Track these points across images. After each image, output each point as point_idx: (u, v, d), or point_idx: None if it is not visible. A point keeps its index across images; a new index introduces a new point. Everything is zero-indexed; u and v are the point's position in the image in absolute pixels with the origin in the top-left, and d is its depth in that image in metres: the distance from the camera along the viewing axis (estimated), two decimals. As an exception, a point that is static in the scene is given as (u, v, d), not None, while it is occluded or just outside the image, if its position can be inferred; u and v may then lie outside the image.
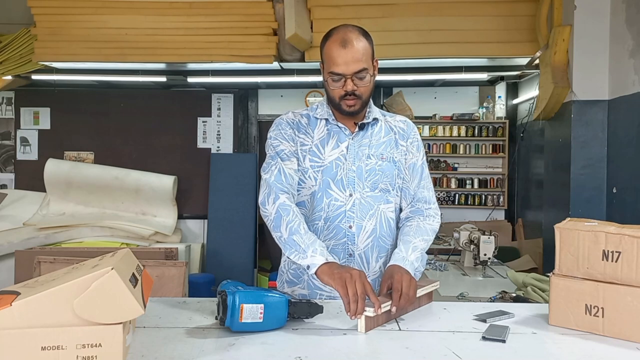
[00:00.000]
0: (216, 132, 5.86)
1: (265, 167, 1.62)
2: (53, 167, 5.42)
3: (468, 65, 4.60)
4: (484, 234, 3.26)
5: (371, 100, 1.67)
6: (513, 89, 5.82)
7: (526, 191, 5.49)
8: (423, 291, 1.48)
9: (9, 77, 4.95)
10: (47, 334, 0.97)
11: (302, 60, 4.41)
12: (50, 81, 5.32)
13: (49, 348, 0.97)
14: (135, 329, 1.26)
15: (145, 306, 1.08)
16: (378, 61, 1.63)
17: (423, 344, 1.20)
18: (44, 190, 5.48)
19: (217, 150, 5.85)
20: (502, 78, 5.50)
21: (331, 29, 1.60)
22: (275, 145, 1.64)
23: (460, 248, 3.53)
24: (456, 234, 3.51)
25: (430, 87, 5.79)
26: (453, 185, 5.77)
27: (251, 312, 1.23)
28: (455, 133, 5.69)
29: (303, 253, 1.44)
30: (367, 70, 1.56)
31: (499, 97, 5.77)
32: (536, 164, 5.15)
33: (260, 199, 1.58)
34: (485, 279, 3.23)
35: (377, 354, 1.15)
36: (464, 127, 5.68)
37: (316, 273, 1.40)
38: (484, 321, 1.37)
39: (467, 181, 5.77)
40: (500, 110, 5.76)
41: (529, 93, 5.25)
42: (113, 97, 5.83)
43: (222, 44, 4.35)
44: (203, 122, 5.86)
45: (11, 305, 0.97)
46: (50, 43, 4.42)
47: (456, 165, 5.80)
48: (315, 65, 4.32)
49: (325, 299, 1.60)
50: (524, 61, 4.30)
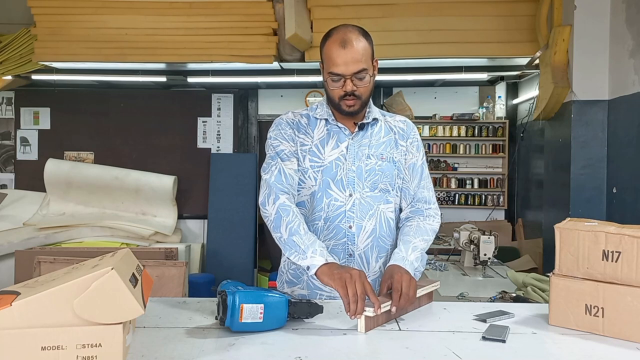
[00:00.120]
0: (216, 132, 5.86)
1: (265, 168, 1.62)
2: (53, 167, 5.42)
3: (468, 65, 4.60)
4: (484, 234, 3.26)
5: (371, 100, 1.67)
6: (513, 89, 5.81)
7: (526, 191, 5.49)
8: (423, 291, 1.48)
9: (9, 77, 4.95)
10: (47, 334, 0.97)
11: (302, 60, 4.41)
12: (50, 81, 5.32)
13: (49, 348, 0.97)
14: (135, 329, 1.26)
15: (145, 306, 1.08)
16: (378, 61, 1.63)
17: (423, 344, 1.20)
18: (44, 190, 5.48)
19: (217, 150, 5.85)
20: (502, 78, 5.50)
21: (331, 29, 1.59)
22: (275, 145, 1.64)
23: (460, 248, 3.53)
24: (456, 234, 3.51)
25: (430, 87, 5.79)
26: (453, 185, 5.77)
27: (251, 312, 1.23)
28: (455, 133, 5.69)
29: (303, 254, 1.44)
30: (367, 70, 1.55)
31: (499, 97, 5.77)
32: (536, 164, 5.14)
33: (260, 200, 1.58)
34: (485, 279, 3.23)
35: (377, 354, 1.15)
36: (464, 127, 5.68)
37: (316, 274, 1.40)
38: (484, 321, 1.37)
39: (467, 181, 5.77)
40: (500, 110, 5.76)
41: (529, 93, 5.25)
42: (113, 97, 5.83)
43: (222, 44, 4.35)
44: (203, 122, 5.86)
45: (11, 305, 0.97)
46: (50, 43, 4.42)
47: (456, 165, 5.80)
48: (315, 65, 4.32)
49: (325, 299, 1.60)
50: (524, 61, 4.30)
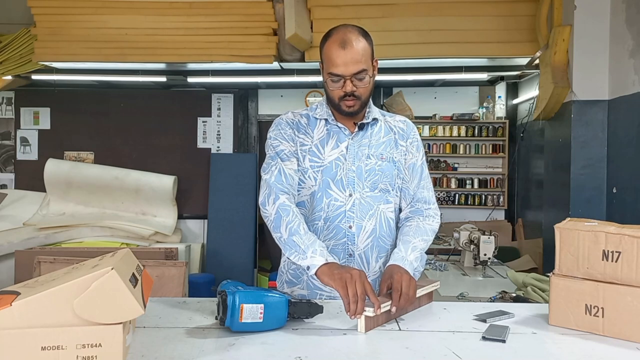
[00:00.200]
0: (216, 132, 5.86)
1: (265, 168, 1.62)
2: (53, 167, 5.42)
3: (468, 65, 4.60)
4: (484, 234, 3.26)
5: (371, 100, 1.67)
6: (513, 89, 5.81)
7: (526, 191, 5.49)
8: (423, 291, 1.48)
9: (9, 77, 4.95)
10: (47, 334, 0.97)
11: (302, 60, 4.41)
12: (50, 81, 5.32)
13: (49, 348, 0.97)
14: (135, 329, 1.26)
15: (145, 306, 1.08)
16: (378, 61, 1.63)
17: (423, 344, 1.20)
18: (44, 190, 5.48)
19: (217, 150, 5.85)
20: (502, 78, 5.50)
21: (331, 29, 1.59)
22: (275, 145, 1.64)
23: (460, 248, 3.53)
24: (456, 234, 3.51)
25: (430, 87, 5.79)
26: (453, 185, 5.77)
27: (251, 312, 1.23)
28: (455, 133, 5.69)
29: (303, 254, 1.44)
30: (367, 71, 1.55)
31: (499, 97, 5.77)
32: (536, 164, 5.14)
33: (260, 200, 1.58)
34: (485, 279, 3.23)
35: (377, 354, 1.15)
36: (464, 127, 5.68)
37: (316, 274, 1.40)
38: (484, 321, 1.37)
39: (467, 181, 5.77)
40: (500, 110, 5.76)
41: (529, 93, 5.25)
42: (113, 97, 5.83)
43: (222, 44, 4.35)
44: (203, 122, 5.86)
45: (11, 305, 0.97)
46: (50, 43, 4.42)
47: (456, 165, 5.80)
48: (315, 65, 4.32)
49: (325, 299, 1.60)
50: (524, 61, 4.30)
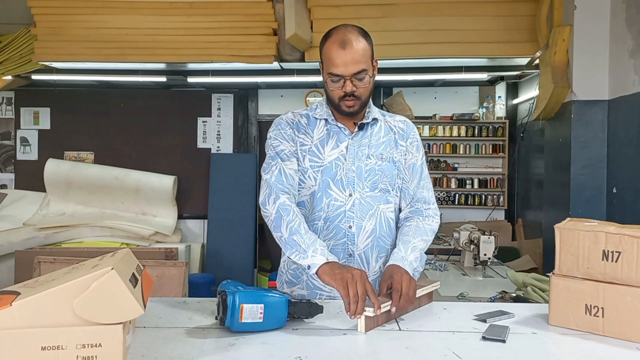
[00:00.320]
0: (216, 132, 5.86)
1: (265, 167, 1.62)
2: (53, 167, 5.42)
3: (468, 65, 4.60)
4: (484, 234, 3.26)
5: (370, 100, 1.67)
6: (513, 89, 5.81)
7: (526, 191, 5.49)
8: (423, 291, 1.48)
9: (9, 77, 4.95)
10: (47, 334, 0.97)
11: (302, 60, 4.41)
12: (50, 81, 5.32)
13: (49, 348, 0.97)
14: (135, 329, 1.26)
15: (145, 306, 1.08)
16: (378, 61, 1.63)
17: (423, 344, 1.20)
18: (44, 190, 5.48)
19: (217, 150, 5.85)
20: (502, 78, 5.50)
21: (330, 29, 1.59)
22: (275, 145, 1.64)
23: (460, 248, 3.53)
24: (456, 234, 3.51)
25: (430, 87, 5.79)
26: (453, 185, 5.77)
27: (251, 312, 1.23)
28: (455, 133, 5.69)
29: (304, 253, 1.44)
30: (366, 71, 1.55)
31: (499, 97, 5.77)
32: (536, 164, 5.14)
33: (260, 199, 1.58)
34: (485, 279, 3.23)
35: (377, 354, 1.15)
36: (464, 127, 5.68)
37: (317, 273, 1.40)
38: (484, 321, 1.37)
39: (467, 181, 5.77)
40: (500, 110, 5.76)
41: (529, 93, 5.25)
42: (113, 97, 5.83)
43: (222, 44, 4.35)
44: (203, 122, 5.86)
45: (11, 305, 0.97)
46: (50, 43, 4.42)
47: (456, 165, 5.80)
48: (315, 65, 4.32)
49: (325, 299, 1.60)
50: (524, 61, 4.30)
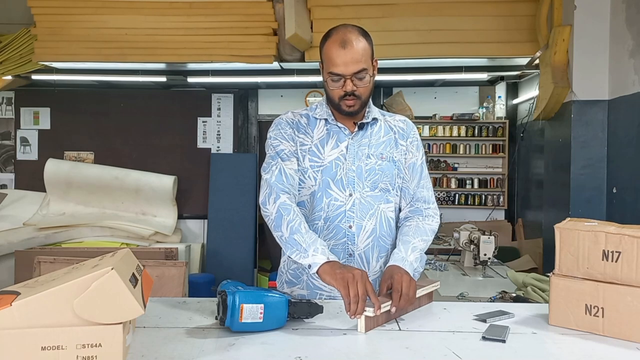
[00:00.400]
0: (216, 132, 5.86)
1: (265, 167, 1.62)
2: (53, 167, 5.42)
3: (468, 65, 4.60)
4: (484, 234, 3.26)
5: (370, 100, 1.67)
6: (513, 89, 5.81)
7: (526, 191, 5.49)
8: (423, 291, 1.48)
9: (9, 77, 4.95)
10: (47, 334, 0.97)
11: (302, 60, 4.41)
12: (50, 81, 5.32)
13: (49, 348, 0.97)
14: (135, 329, 1.26)
15: (145, 306, 1.08)
16: (378, 61, 1.63)
17: (423, 344, 1.20)
18: (44, 190, 5.48)
19: (217, 150, 5.85)
20: (502, 78, 5.50)
21: (330, 29, 1.60)
22: (275, 145, 1.64)
23: (460, 248, 3.53)
24: (456, 234, 3.50)
25: (430, 87, 5.79)
26: (453, 185, 5.77)
27: (251, 312, 1.23)
28: (455, 133, 5.69)
29: (304, 252, 1.44)
30: (367, 70, 1.55)
31: (499, 97, 5.77)
32: (536, 164, 5.14)
33: (261, 199, 1.58)
34: (485, 279, 3.23)
35: (377, 354, 1.15)
36: (464, 127, 5.68)
37: (318, 272, 1.40)
38: (484, 321, 1.37)
39: (467, 181, 5.77)
40: (500, 110, 5.76)
41: (529, 93, 5.25)
42: (113, 97, 5.83)
43: (222, 44, 4.35)
44: (203, 122, 5.86)
45: (11, 305, 0.97)
46: (50, 43, 4.42)
47: (456, 165, 5.80)
48: (315, 65, 4.32)
49: (325, 299, 1.60)
50: (524, 61, 4.30)
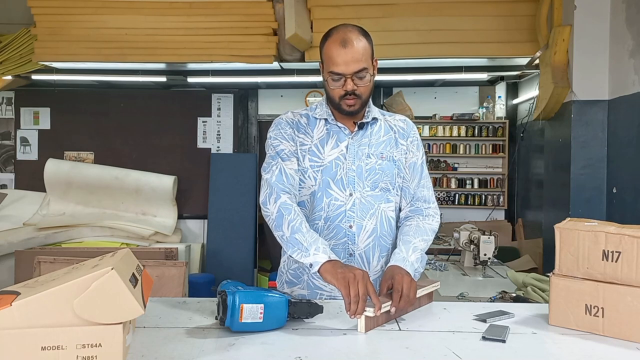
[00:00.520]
0: (216, 132, 5.86)
1: (265, 167, 1.62)
2: (53, 167, 5.41)
3: (468, 65, 4.60)
4: (484, 234, 3.26)
5: (370, 99, 1.67)
6: (513, 89, 5.81)
7: (526, 191, 5.49)
8: (423, 291, 1.48)
9: (9, 77, 4.95)
10: (47, 334, 0.97)
11: (302, 60, 4.40)
12: (50, 81, 5.32)
13: (49, 348, 0.97)
14: (135, 329, 1.26)
15: (145, 306, 1.08)
16: (378, 61, 1.64)
17: (423, 344, 1.20)
18: (44, 190, 5.47)
19: (217, 150, 5.85)
20: (502, 78, 5.50)
21: (331, 29, 1.60)
22: (275, 145, 1.64)
23: (460, 248, 3.53)
24: (456, 234, 3.50)
25: (430, 87, 5.79)
26: (453, 185, 5.77)
27: (251, 312, 1.23)
28: (455, 133, 5.69)
29: (305, 251, 1.44)
30: (367, 69, 1.56)
31: (499, 97, 5.77)
32: (536, 164, 5.14)
33: (261, 199, 1.58)
34: (485, 279, 3.23)
35: (377, 354, 1.15)
36: (464, 127, 5.68)
37: (319, 271, 1.40)
38: (484, 321, 1.37)
39: (467, 181, 5.77)
40: (500, 110, 5.76)
41: (529, 93, 5.25)
42: (113, 97, 5.83)
43: (222, 44, 4.35)
44: (203, 122, 5.86)
45: (11, 305, 0.97)
46: (50, 43, 4.42)
47: (456, 165, 5.80)
48: (315, 65, 4.32)
49: (325, 299, 1.60)
50: (524, 61, 4.30)
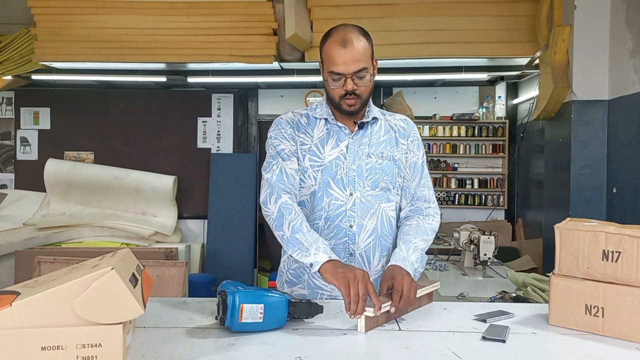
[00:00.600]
0: (216, 132, 5.86)
1: (266, 167, 1.62)
2: (53, 167, 5.41)
3: (468, 65, 4.60)
4: (484, 234, 3.26)
5: (370, 99, 1.67)
6: (513, 89, 5.81)
7: (526, 191, 5.49)
8: (423, 291, 1.48)
9: (9, 77, 4.95)
10: (47, 334, 0.97)
11: (302, 60, 4.40)
12: (50, 81, 5.32)
13: (49, 348, 0.97)
14: (135, 329, 1.26)
15: (145, 306, 1.08)
16: (378, 61, 1.64)
17: (423, 344, 1.20)
18: (44, 190, 5.47)
19: (217, 150, 5.85)
20: (502, 78, 5.50)
21: (331, 29, 1.60)
22: (275, 144, 1.64)
23: (460, 248, 3.53)
24: (456, 234, 3.50)
25: (430, 87, 5.79)
26: (453, 185, 5.77)
27: (251, 312, 1.23)
28: (455, 133, 5.69)
29: (306, 251, 1.44)
30: (367, 69, 1.56)
31: (499, 97, 5.77)
32: (536, 164, 5.14)
33: (261, 199, 1.58)
34: (485, 279, 3.23)
35: (377, 354, 1.15)
36: (464, 127, 5.68)
37: (319, 271, 1.40)
38: (484, 321, 1.37)
39: (467, 181, 5.77)
40: (500, 110, 5.76)
41: (529, 93, 5.25)
42: (113, 97, 5.83)
43: (222, 44, 4.35)
44: (203, 122, 5.86)
45: (11, 305, 0.97)
46: (50, 43, 4.42)
47: (456, 165, 5.80)
48: (315, 65, 4.32)
49: (325, 299, 1.60)
50: (524, 61, 4.30)
